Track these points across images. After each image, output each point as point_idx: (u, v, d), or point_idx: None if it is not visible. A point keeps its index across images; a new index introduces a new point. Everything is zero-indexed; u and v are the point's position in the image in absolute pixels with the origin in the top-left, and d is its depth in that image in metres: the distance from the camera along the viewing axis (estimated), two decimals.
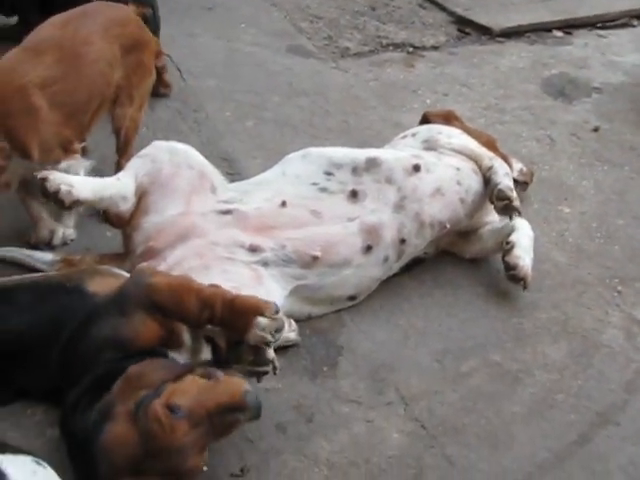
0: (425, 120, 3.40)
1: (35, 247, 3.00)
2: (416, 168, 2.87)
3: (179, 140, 2.98)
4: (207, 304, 2.23)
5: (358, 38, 5.27)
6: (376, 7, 5.87)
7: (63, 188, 2.51)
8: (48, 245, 3.02)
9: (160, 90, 3.96)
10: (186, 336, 2.30)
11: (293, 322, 2.64)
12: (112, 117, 3.15)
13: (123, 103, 3.11)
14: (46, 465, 1.71)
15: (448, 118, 3.34)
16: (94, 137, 3.17)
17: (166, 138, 2.95)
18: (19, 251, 2.94)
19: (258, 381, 2.32)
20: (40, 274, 2.69)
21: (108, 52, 3.00)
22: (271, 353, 2.27)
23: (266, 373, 2.30)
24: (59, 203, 2.54)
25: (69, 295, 2.37)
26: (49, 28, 2.96)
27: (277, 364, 2.30)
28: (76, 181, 2.58)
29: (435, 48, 5.23)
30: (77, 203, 2.58)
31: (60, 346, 2.26)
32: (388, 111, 4.26)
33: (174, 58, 4.55)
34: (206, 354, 2.36)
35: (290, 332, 2.61)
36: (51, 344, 2.28)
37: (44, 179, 2.52)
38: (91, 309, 2.28)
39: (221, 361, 2.32)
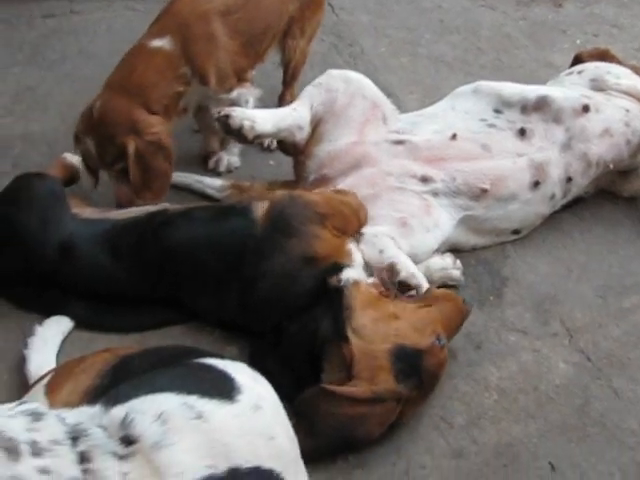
0: (578, 60, 3.34)
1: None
2: (585, 108, 2.85)
3: None
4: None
5: None
6: None
7: (246, 124, 2.59)
8: (213, 171, 3.12)
9: None
10: (354, 249, 2.39)
11: (458, 261, 2.68)
12: (282, 48, 3.20)
13: (295, 35, 3.16)
14: None
15: (604, 57, 3.28)
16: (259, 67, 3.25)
17: (323, 72, 2.98)
18: (190, 177, 3.04)
19: None
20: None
21: None
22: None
23: None
24: (242, 138, 2.62)
25: (236, 217, 2.43)
26: None
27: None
28: (257, 116, 2.65)
29: None
30: (259, 137, 2.67)
31: (239, 283, 2.33)
32: (539, 50, 4.21)
33: None
34: None
35: (454, 269, 2.66)
36: (228, 270, 2.34)
37: (227, 116, 2.59)
38: (252, 236, 2.33)
39: None
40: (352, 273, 2.29)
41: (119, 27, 4.30)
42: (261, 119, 2.63)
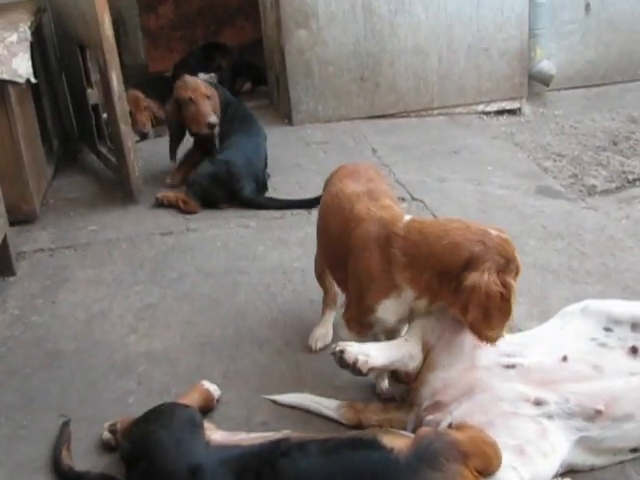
0: None
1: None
2: None
3: None
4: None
5: (604, 174, 5.31)
6: (617, 141, 5.91)
7: (361, 359, 2.72)
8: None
9: None
10: None
11: None
12: None
13: None
14: None
15: None
16: None
17: None
18: (304, 397, 3.17)
19: None
20: None
21: None
22: None
23: None
24: (357, 372, 2.74)
25: (365, 449, 2.48)
26: None
27: None
28: (371, 349, 2.77)
29: None
30: (373, 370, 2.78)
31: None
32: None
33: (427, 204, 4.79)
34: None
35: None
36: None
37: (342, 351, 2.73)
38: (393, 464, 2.38)
39: None
40: None
41: (233, 244, 4.57)
42: (375, 353, 2.75)
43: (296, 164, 5.67)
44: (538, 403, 2.68)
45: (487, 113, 6.63)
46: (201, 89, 5.25)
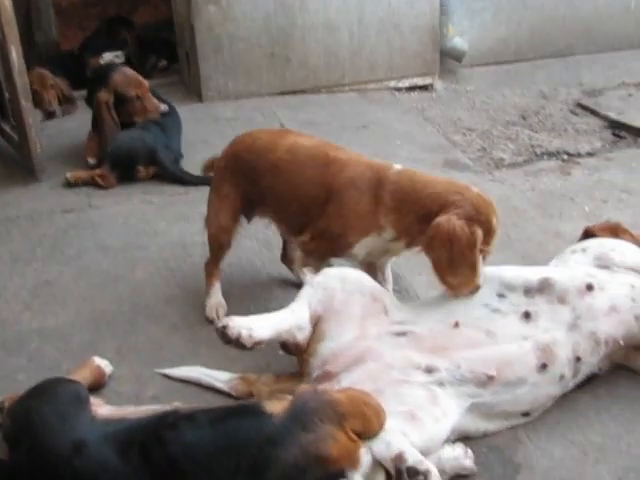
0: (588, 234, 3.35)
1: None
2: (589, 287, 2.86)
3: None
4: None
5: (512, 148, 5.35)
6: (527, 116, 5.96)
7: (244, 333, 2.63)
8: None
9: None
10: (364, 455, 2.34)
11: (469, 450, 2.63)
12: None
13: None
14: None
15: (615, 231, 3.29)
16: None
17: None
18: (196, 370, 3.10)
19: None
20: None
21: None
22: (434, 478, 2.29)
23: None
24: (241, 347, 2.65)
25: (248, 416, 2.43)
26: None
27: None
28: (255, 323, 2.69)
29: (590, 154, 5.26)
30: (258, 344, 2.68)
31: (245, 472, 2.29)
32: (547, 221, 4.28)
33: None
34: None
35: (466, 459, 2.61)
36: (232, 468, 2.31)
37: (225, 326, 2.64)
38: (268, 428, 2.33)
39: None
40: None
41: (135, 220, 4.48)
42: (259, 325, 2.67)
43: (204, 140, 5.56)
44: (429, 370, 2.65)
45: (399, 89, 6.62)
46: (144, 84, 5.25)
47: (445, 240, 2.79)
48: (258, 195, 3.44)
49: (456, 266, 2.82)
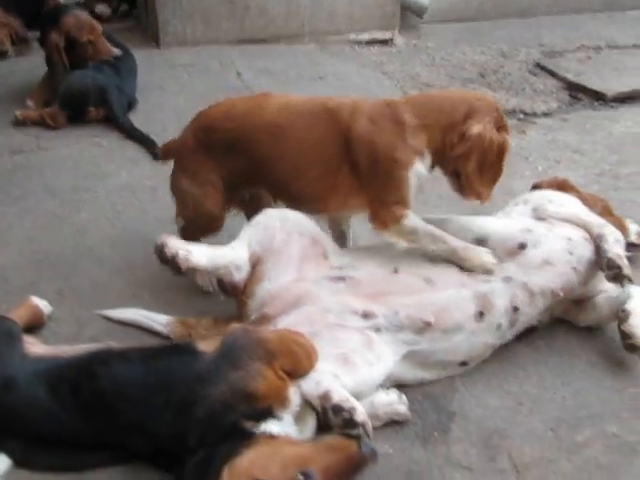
0: (536, 189, 3.39)
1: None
2: (522, 246, 2.87)
3: None
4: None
5: None
6: (485, 74, 5.94)
7: (181, 253, 2.62)
8: None
9: None
10: (294, 394, 2.34)
11: (404, 396, 2.63)
12: None
13: None
14: None
15: (563, 187, 3.32)
16: None
17: None
18: (136, 312, 3.07)
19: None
20: None
21: None
22: (359, 415, 2.28)
23: (359, 437, 2.28)
24: (175, 268, 2.63)
25: (180, 354, 2.44)
26: None
27: (369, 427, 2.29)
28: (194, 248, 2.68)
29: (546, 114, 5.25)
30: (193, 270, 2.67)
31: (173, 408, 2.30)
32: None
33: None
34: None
35: (400, 405, 2.61)
36: (162, 404, 2.32)
37: (163, 244, 2.63)
38: (198, 365, 2.33)
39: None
40: (273, 427, 2.25)
41: (84, 163, 4.41)
42: (198, 252, 2.65)
43: (159, 86, 5.49)
44: (366, 316, 2.64)
45: (359, 42, 6.57)
46: (97, 28, 5.12)
47: (484, 151, 2.78)
48: (250, 171, 3.03)
49: (486, 174, 2.85)
